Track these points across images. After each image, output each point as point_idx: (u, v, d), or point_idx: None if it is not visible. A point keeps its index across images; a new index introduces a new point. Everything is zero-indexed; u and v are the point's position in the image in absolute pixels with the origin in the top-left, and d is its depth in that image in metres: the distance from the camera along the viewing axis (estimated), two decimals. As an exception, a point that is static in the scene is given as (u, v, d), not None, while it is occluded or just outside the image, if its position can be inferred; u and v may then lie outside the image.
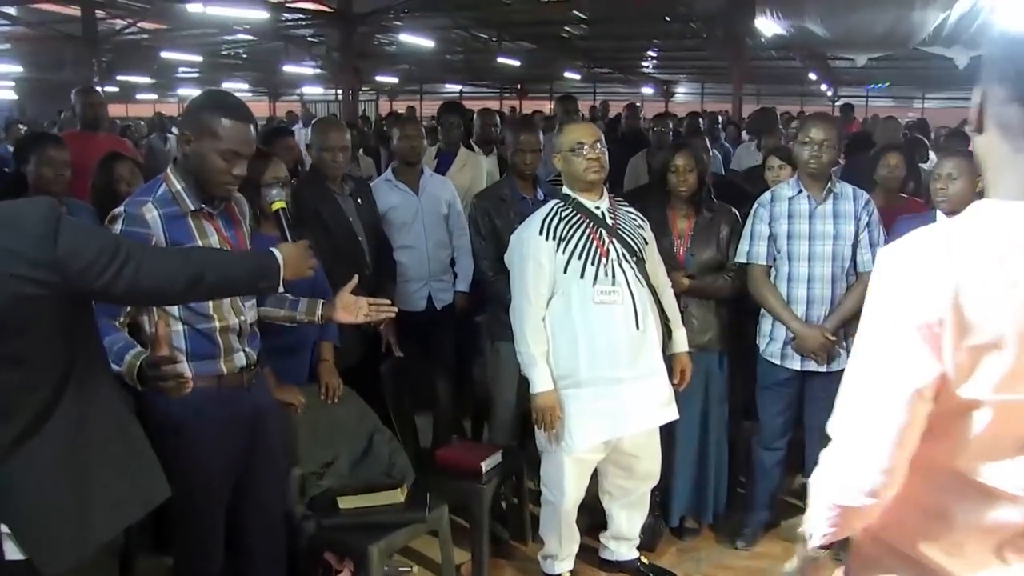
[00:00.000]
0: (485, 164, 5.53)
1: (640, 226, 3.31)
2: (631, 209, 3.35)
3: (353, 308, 2.68)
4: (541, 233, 3.15)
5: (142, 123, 13.68)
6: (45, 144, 3.77)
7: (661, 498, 3.79)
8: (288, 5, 14.53)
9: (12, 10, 14.87)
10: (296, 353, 3.30)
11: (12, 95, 17.77)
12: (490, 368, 3.99)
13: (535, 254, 3.14)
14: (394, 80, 24.55)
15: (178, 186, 2.45)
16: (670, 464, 3.61)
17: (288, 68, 19.82)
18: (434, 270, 4.44)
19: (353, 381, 3.47)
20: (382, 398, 3.67)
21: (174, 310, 2.44)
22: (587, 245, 3.13)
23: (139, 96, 25.96)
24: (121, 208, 2.39)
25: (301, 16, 15.76)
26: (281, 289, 2.24)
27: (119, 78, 18.37)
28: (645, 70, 25.46)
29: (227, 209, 2.59)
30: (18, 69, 16.77)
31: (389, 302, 2.74)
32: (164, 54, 17.55)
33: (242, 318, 2.58)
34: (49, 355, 1.82)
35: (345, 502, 3.09)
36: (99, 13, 14.93)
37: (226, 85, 29.25)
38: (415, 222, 4.37)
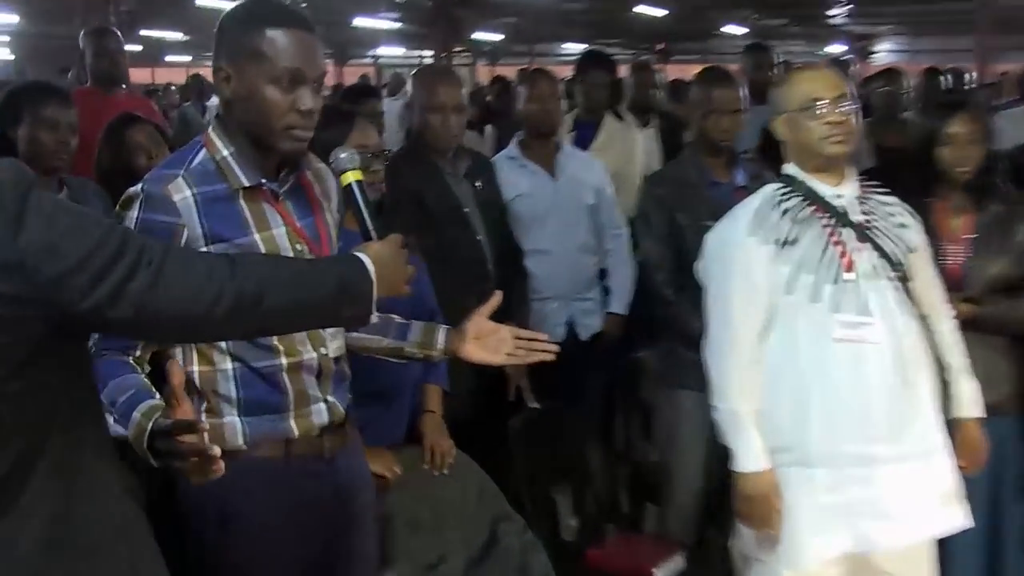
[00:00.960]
0: (641, 140, 5.56)
1: (904, 225, 3.07)
2: (890, 198, 3.11)
3: (492, 341, 2.53)
4: (753, 234, 2.96)
5: (173, 88, 13.87)
6: (43, 97, 3.68)
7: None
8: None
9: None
10: (388, 401, 3.25)
11: (7, 53, 18.31)
12: (663, 426, 3.95)
13: (744, 265, 2.96)
14: (497, 38, 24.75)
15: (224, 152, 2.30)
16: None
17: (360, 21, 20.05)
18: (576, 284, 4.42)
19: (469, 442, 3.41)
20: (509, 467, 3.64)
21: None
22: (823, 253, 2.92)
23: (168, 58, 26.69)
24: (139, 187, 2.25)
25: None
26: (375, 316, 2.05)
27: (143, 33, 18.78)
28: (834, 22, 25.09)
29: (301, 183, 2.42)
30: (14, 20, 17.25)
31: (545, 337, 2.58)
32: (200, 2, 17.81)
33: (323, 351, 2.42)
34: (6, 416, 1.62)
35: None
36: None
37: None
38: (550, 216, 4.36)
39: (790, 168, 3.04)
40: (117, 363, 2.17)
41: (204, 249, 2.20)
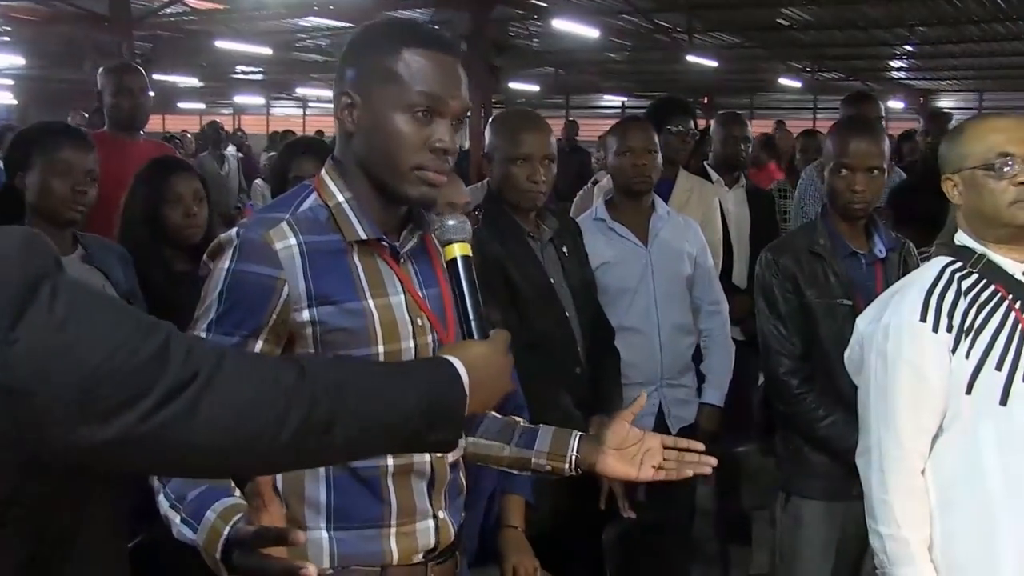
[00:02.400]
0: (730, 201, 5.42)
1: (1108, 309, 2.85)
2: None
3: (635, 452, 2.32)
4: (925, 318, 2.70)
5: (189, 136, 13.77)
6: (58, 139, 3.48)
7: None
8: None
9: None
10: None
11: (9, 98, 18.34)
12: (782, 542, 3.68)
13: (914, 356, 2.70)
14: (534, 89, 24.89)
15: (339, 197, 2.14)
16: None
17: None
18: (669, 368, 4.20)
19: (556, 561, 3.25)
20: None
21: None
22: (1012, 343, 2.67)
23: (181, 104, 26.87)
24: (233, 232, 2.08)
25: (411, -10, 15.80)
26: (464, 440, 1.88)
27: (155, 77, 18.76)
28: (893, 75, 25.17)
29: (427, 245, 2.26)
30: (19, 62, 17.27)
31: (701, 447, 2.35)
32: (218, 44, 17.87)
33: (437, 454, 2.19)
34: None
35: None
36: (133, -14, 15.24)
37: (301, 91, 31.07)
38: (641, 289, 4.16)
39: (965, 239, 2.81)
40: None
41: (306, 312, 2.03)
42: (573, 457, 2.37)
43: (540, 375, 3.18)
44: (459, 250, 2.05)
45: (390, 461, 2.15)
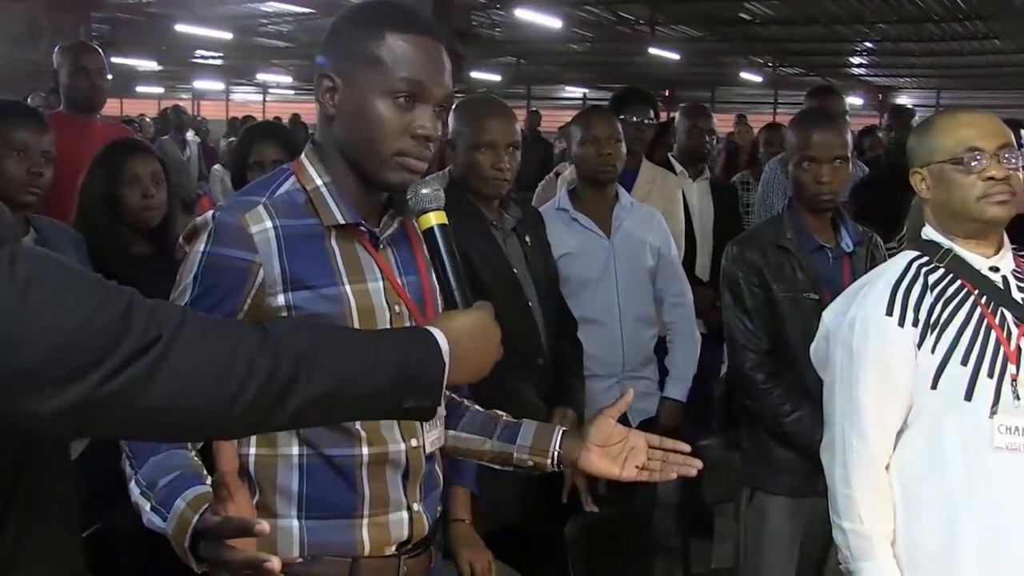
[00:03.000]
0: (693, 193, 5.43)
1: (1078, 307, 2.87)
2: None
3: (619, 450, 2.27)
4: (891, 312, 2.70)
5: (148, 119, 13.63)
6: (12, 119, 3.42)
7: None
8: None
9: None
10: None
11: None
12: (747, 538, 3.66)
13: (879, 350, 2.70)
14: (496, 78, 24.80)
15: (317, 181, 2.12)
16: None
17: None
18: (631, 360, 4.16)
19: (514, 554, 3.24)
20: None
21: None
22: (979, 339, 2.67)
23: (139, 88, 26.60)
24: (209, 215, 2.06)
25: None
26: (441, 408, 1.85)
27: (114, 60, 18.54)
28: (853, 71, 25.30)
29: (407, 232, 2.24)
30: (-24, 42, 17.00)
31: (687, 448, 2.31)
32: (178, 27, 17.69)
33: (414, 443, 2.19)
34: None
35: None
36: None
37: (262, 77, 30.88)
38: (603, 280, 4.13)
39: (932, 233, 2.80)
40: None
41: (281, 297, 2.01)
42: (556, 453, 2.34)
43: (503, 365, 3.09)
44: (435, 219, 2.02)
45: (364, 450, 2.12)
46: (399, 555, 2.18)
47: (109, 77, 5.12)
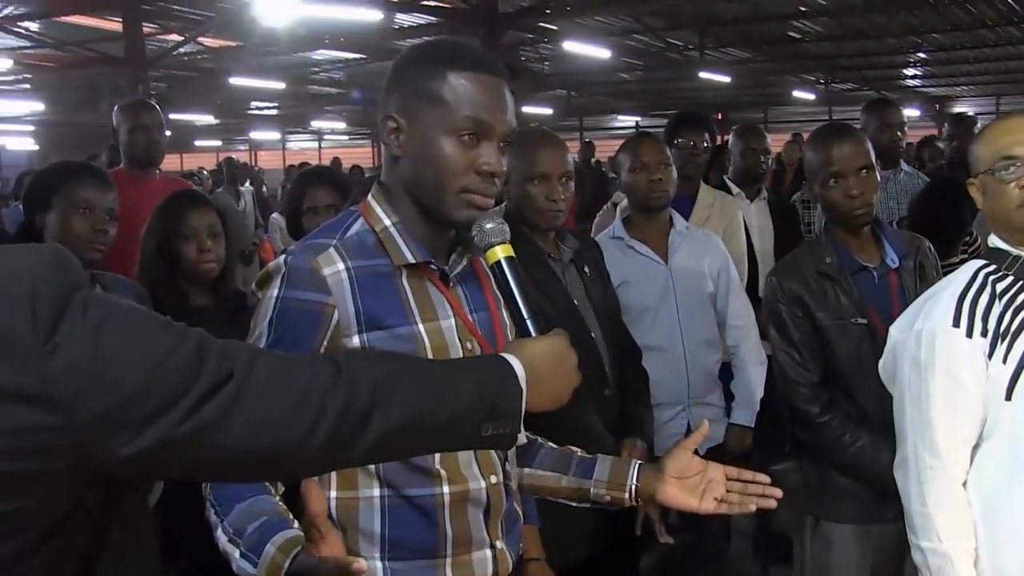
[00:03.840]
0: (752, 214, 5.36)
1: None
2: None
3: (697, 481, 2.25)
4: (958, 323, 2.64)
5: (205, 173, 13.77)
6: (79, 178, 3.46)
7: None
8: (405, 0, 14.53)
9: (32, 25, 15.30)
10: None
11: (31, 143, 18.41)
12: (813, 567, 3.55)
13: (949, 363, 2.64)
14: (547, 112, 24.83)
15: (386, 221, 2.13)
16: None
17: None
18: (696, 387, 4.10)
19: None
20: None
21: None
22: None
23: (198, 142, 26.93)
24: (281, 260, 2.08)
25: (423, 18, 15.80)
26: (522, 436, 1.74)
27: (172, 116, 18.82)
28: (907, 83, 25.05)
29: (476, 269, 2.25)
30: (39, 107, 17.36)
31: (767, 479, 2.27)
32: (233, 80, 17.90)
33: (494, 480, 2.18)
34: None
35: None
36: (147, 27, 15.33)
37: (316, 124, 31.17)
38: (663, 307, 4.07)
39: (998, 241, 2.74)
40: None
41: (356, 338, 2.01)
42: (633, 487, 2.31)
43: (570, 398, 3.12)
44: (502, 252, 2.02)
45: (445, 489, 2.12)
46: None
47: (168, 133, 5.17)
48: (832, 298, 3.34)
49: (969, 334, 2.59)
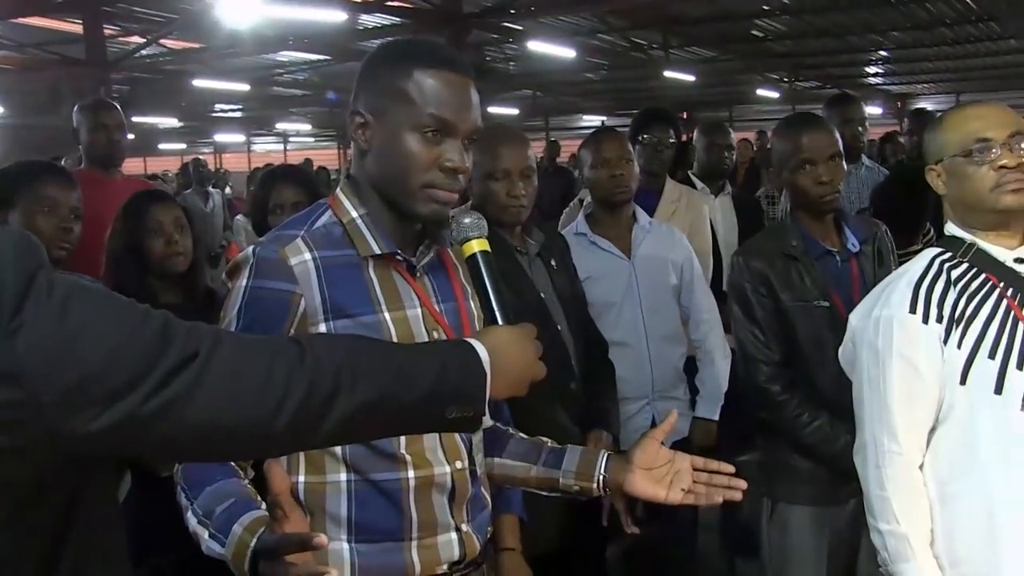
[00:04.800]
0: (716, 209, 5.37)
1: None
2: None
3: (664, 472, 2.27)
4: (914, 310, 2.64)
5: (171, 174, 13.68)
6: (42, 176, 3.45)
7: None
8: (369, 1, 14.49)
9: (-8, 28, 15.22)
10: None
11: (-8, 146, 18.24)
12: (771, 550, 3.56)
13: (906, 348, 2.64)
14: (512, 112, 24.81)
15: (353, 213, 2.17)
16: None
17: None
18: (660, 381, 4.10)
19: None
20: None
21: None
22: (1006, 332, 2.60)
23: (162, 145, 26.78)
24: (250, 250, 2.11)
25: (388, 19, 15.78)
26: (487, 418, 1.75)
27: (135, 119, 18.75)
28: (869, 81, 25.19)
29: (443, 260, 2.28)
30: (-1, 111, 17.18)
31: (731, 469, 2.28)
32: (196, 82, 17.81)
33: (459, 465, 2.21)
34: None
35: None
36: (108, 29, 15.21)
37: (281, 126, 31.01)
38: (627, 302, 4.07)
39: (953, 228, 2.75)
40: (213, 464, 2.00)
41: (323, 326, 2.04)
42: (602, 477, 2.33)
43: (535, 391, 3.13)
44: (477, 245, 2.05)
45: (411, 474, 2.14)
46: (451, 574, 2.19)
47: (131, 136, 5.15)
48: (796, 280, 3.38)
49: (925, 320, 2.61)
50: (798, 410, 3.30)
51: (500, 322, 1.94)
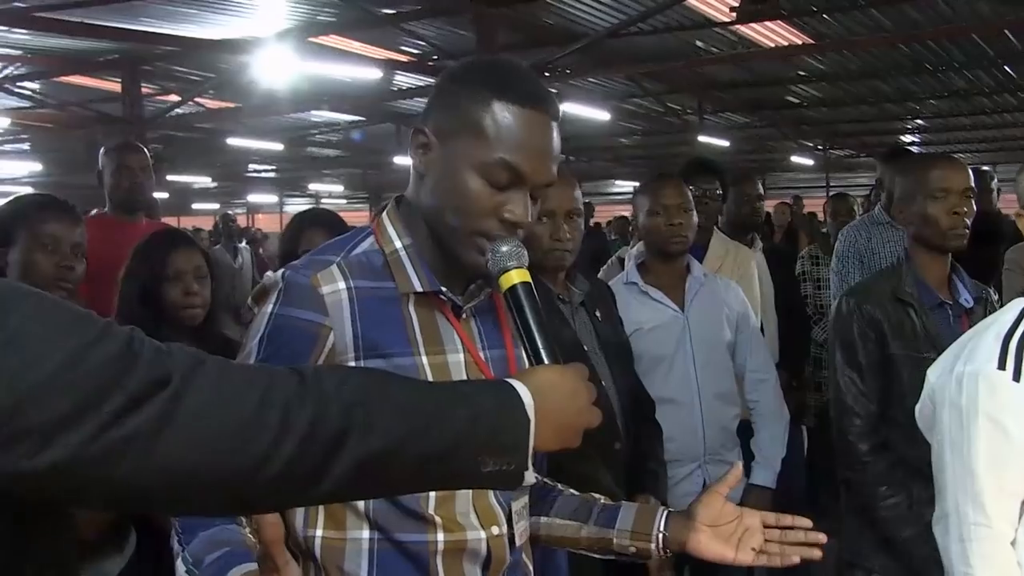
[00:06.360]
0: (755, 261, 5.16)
1: None
2: None
3: (731, 530, 2.06)
4: (1003, 366, 2.43)
5: (203, 231, 13.70)
6: (44, 212, 3.31)
7: None
8: (404, 60, 14.40)
9: (33, 85, 15.30)
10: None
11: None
12: None
13: (992, 407, 2.44)
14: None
15: (397, 243, 1.97)
16: None
17: (401, 160, 19.98)
18: (712, 443, 3.91)
19: None
20: None
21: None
22: None
23: (195, 205, 26.95)
24: (279, 274, 1.92)
25: (422, 80, 15.68)
26: (531, 474, 1.52)
27: (170, 178, 18.84)
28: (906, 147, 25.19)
29: (493, 301, 2.06)
30: (36, 167, 17.30)
31: (808, 524, 2.11)
32: (231, 141, 17.88)
33: (495, 531, 1.98)
34: None
35: None
36: (146, 88, 15.36)
37: (314, 187, 31.18)
38: (678, 356, 3.88)
39: None
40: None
41: (353, 364, 1.84)
42: (660, 536, 2.13)
43: (577, 451, 2.97)
44: (517, 276, 1.84)
45: (440, 537, 1.93)
46: None
47: (165, 195, 5.04)
48: (908, 329, 3.24)
49: (1016, 378, 2.38)
50: (880, 478, 3.16)
51: (546, 362, 1.72)
